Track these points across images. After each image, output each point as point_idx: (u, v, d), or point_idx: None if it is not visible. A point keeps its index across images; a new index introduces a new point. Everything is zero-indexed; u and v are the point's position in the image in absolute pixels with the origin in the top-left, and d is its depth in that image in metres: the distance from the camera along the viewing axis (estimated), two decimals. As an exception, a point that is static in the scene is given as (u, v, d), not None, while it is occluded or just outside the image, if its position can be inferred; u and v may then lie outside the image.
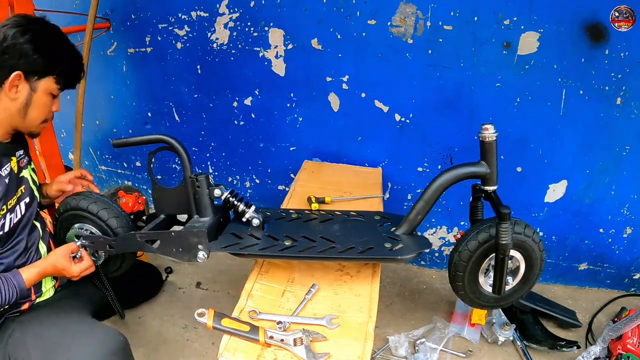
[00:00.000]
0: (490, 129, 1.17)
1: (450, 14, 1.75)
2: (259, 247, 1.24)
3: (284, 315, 1.17)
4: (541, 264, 1.30)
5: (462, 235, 1.28)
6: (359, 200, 1.74)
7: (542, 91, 1.80)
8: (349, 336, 1.10)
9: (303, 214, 1.45)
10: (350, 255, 1.20)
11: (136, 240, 1.28)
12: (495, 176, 1.21)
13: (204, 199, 1.29)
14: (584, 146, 1.88)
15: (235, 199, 1.33)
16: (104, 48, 2.26)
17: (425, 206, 1.27)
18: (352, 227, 1.35)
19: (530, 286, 1.34)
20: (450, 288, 1.34)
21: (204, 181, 1.28)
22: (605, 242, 2.07)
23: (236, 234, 1.30)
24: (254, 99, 2.13)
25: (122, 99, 2.36)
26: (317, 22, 1.89)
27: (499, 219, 1.16)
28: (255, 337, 1.06)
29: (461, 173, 1.22)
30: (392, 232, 1.31)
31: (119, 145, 1.35)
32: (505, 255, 1.18)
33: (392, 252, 1.21)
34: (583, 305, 2.11)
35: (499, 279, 1.22)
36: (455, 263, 1.26)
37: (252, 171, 2.35)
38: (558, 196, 2.00)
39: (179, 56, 2.14)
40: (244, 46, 2.02)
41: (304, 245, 1.24)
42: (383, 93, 1.96)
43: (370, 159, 2.10)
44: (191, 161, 1.31)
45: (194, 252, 1.24)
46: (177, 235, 1.24)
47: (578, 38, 1.69)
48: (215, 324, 1.09)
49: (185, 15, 2.04)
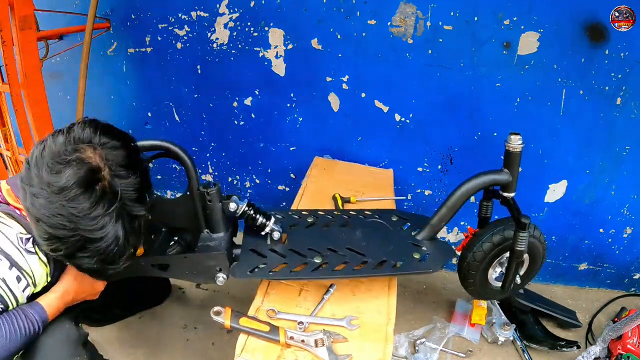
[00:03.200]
0: (518, 139, 1.20)
1: (450, 14, 1.74)
2: (290, 267, 1.14)
3: (303, 315, 1.14)
4: (542, 260, 1.36)
5: (476, 236, 1.29)
6: (381, 200, 1.73)
7: (542, 91, 1.80)
8: (369, 338, 1.10)
9: (318, 216, 1.38)
10: (385, 272, 1.18)
11: (140, 265, 1.15)
12: (515, 184, 1.25)
13: (216, 213, 1.15)
14: (584, 146, 1.88)
15: (253, 210, 1.19)
16: (104, 48, 2.25)
17: (448, 213, 1.28)
18: (374, 232, 1.32)
19: (530, 279, 1.40)
20: (451, 288, 1.36)
21: (216, 195, 1.13)
22: (605, 242, 2.07)
23: (257, 251, 1.19)
24: (254, 99, 2.13)
25: (122, 99, 2.35)
26: (317, 22, 1.89)
27: (518, 227, 1.18)
28: (276, 337, 1.04)
29: (485, 180, 1.25)
30: (415, 238, 1.30)
31: None
32: (520, 259, 1.22)
33: (421, 264, 1.21)
34: (583, 305, 2.12)
35: (511, 278, 1.27)
36: (469, 262, 1.28)
37: (252, 171, 2.35)
38: (558, 196, 2.00)
39: (179, 56, 2.14)
40: (244, 46, 2.02)
41: (335, 261, 1.17)
42: (383, 93, 1.96)
43: (370, 159, 2.10)
44: (197, 170, 1.15)
45: (212, 274, 1.13)
46: (192, 259, 1.12)
47: (578, 38, 1.69)
48: (233, 323, 1.06)
49: (185, 15, 2.04)
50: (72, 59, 2.20)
